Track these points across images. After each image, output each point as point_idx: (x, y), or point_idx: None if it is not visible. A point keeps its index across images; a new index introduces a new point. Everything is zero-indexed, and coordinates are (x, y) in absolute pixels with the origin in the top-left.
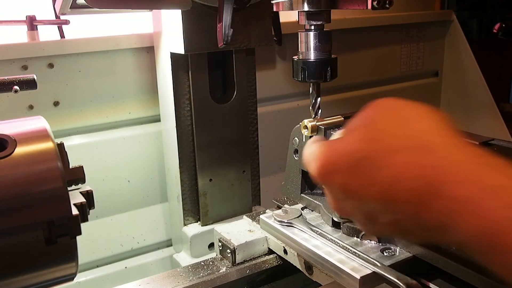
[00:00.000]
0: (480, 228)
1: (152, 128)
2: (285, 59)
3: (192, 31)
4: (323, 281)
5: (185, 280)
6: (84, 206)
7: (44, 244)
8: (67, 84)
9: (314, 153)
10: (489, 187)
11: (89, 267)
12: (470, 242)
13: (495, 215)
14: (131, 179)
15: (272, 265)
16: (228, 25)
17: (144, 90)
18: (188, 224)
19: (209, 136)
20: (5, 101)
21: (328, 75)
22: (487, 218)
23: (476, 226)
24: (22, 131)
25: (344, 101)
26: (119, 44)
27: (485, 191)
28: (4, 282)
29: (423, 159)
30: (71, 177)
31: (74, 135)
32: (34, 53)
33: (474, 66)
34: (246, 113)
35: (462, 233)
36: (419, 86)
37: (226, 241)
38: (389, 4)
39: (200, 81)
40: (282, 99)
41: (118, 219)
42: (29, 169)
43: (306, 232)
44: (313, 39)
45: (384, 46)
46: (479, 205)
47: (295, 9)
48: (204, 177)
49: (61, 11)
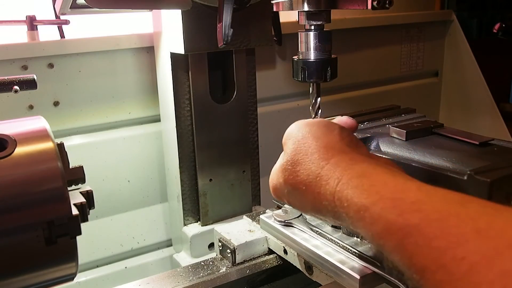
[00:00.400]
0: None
1: (152, 128)
2: (285, 59)
3: (192, 31)
4: (323, 281)
5: (185, 280)
6: (84, 206)
7: (44, 244)
8: (67, 84)
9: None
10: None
11: (89, 267)
12: (371, 241)
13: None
14: (131, 179)
15: (272, 265)
16: (228, 25)
17: (144, 90)
18: (188, 224)
19: (209, 136)
20: (5, 101)
21: (328, 75)
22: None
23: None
24: (22, 131)
25: (344, 101)
26: (119, 44)
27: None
28: (4, 282)
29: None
30: (71, 177)
31: (74, 135)
32: (34, 53)
33: (474, 66)
34: (246, 113)
35: (364, 234)
36: (419, 86)
37: (226, 241)
38: (389, 4)
39: (200, 81)
40: (282, 99)
41: (118, 219)
42: (29, 169)
43: (306, 232)
44: (313, 39)
45: (384, 46)
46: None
47: (295, 9)
48: (204, 177)
49: (61, 11)
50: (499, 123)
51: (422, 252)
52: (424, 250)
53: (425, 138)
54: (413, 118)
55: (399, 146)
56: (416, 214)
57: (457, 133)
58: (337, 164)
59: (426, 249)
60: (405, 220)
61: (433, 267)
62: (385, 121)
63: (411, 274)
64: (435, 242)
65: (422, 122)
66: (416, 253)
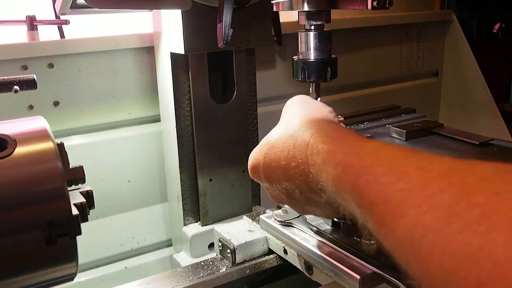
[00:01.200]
0: (334, 170)
1: (152, 128)
2: (285, 59)
3: (192, 31)
4: (323, 281)
5: (185, 280)
6: (84, 206)
7: (44, 244)
8: (67, 84)
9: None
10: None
11: (89, 267)
12: (331, 188)
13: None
14: (131, 179)
15: (272, 265)
16: (228, 25)
17: (144, 90)
18: (188, 224)
19: (209, 136)
20: (5, 101)
21: (328, 75)
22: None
23: (332, 170)
24: (22, 131)
25: (344, 101)
26: (119, 44)
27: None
28: (4, 282)
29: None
30: (71, 177)
31: (74, 135)
32: (34, 53)
33: (474, 66)
34: (246, 113)
35: (326, 182)
36: (419, 86)
37: (226, 241)
38: (389, 4)
39: (200, 81)
40: (282, 99)
41: (118, 219)
42: (29, 169)
43: (306, 232)
44: (313, 39)
45: (384, 46)
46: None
47: (295, 9)
48: (204, 177)
49: (61, 11)
50: (499, 123)
51: (371, 188)
52: (372, 186)
53: (425, 138)
54: (413, 118)
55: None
56: (372, 157)
57: (457, 133)
58: (313, 124)
59: (374, 185)
60: (362, 162)
61: (377, 200)
62: (385, 121)
63: (361, 211)
64: (382, 179)
65: (422, 122)
66: (366, 189)
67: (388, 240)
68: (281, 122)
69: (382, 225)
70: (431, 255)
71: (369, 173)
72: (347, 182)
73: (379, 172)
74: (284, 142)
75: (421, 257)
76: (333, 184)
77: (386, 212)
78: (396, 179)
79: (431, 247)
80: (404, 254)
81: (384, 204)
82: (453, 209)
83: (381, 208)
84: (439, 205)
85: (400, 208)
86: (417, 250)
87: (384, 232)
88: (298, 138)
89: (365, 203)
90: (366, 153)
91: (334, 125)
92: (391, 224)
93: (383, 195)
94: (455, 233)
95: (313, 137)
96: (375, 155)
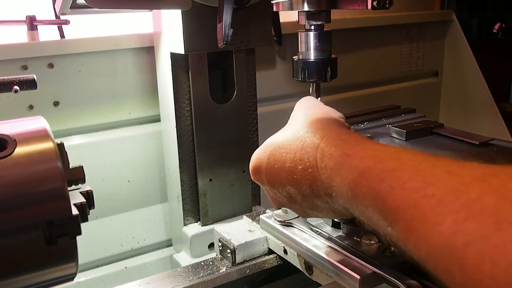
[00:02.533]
0: (350, 176)
1: (152, 128)
2: (285, 59)
3: (192, 31)
4: (323, 281)
5: (185, 280)
6: (84, 206)
7: (44, 244)
8: (67, 84)
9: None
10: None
11: (89, 267)
12: (346, 193)
13: (359, 163)
14: (131, 179)
15: (272, 265)
16: (228, 25)
17: (144, 90)
18: (188, 224)
19: (209, 136)
20: (5, 101)
21: (328, 75)
22: (353, 166)
23: (346, 176)
24: (22, 131)
25: (344, 101)
26: (119, 44)
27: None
28: (4, 282)
29: (299, 148)
30: (71, 177)
31: (74, 135)
32: (34, 53)
33: (474, 66)
34: (246, 113)
35: (339, 187)
36: (419, 86)
37: (226, 241)
38: (389, 4)
39: (200, 81)
40: (282, 99)
41: (118, 219)
42: (29, 169)
43: (306, 232)
44: (313, 39)
45: (384, 46)
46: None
47: (295, 9)
48: (204, 177)
49: (61, 11)
50: (499, 123)
51: (396, 193)
52: (397, 192)
53: (425, 138)
54: (413, 118)
55: (399, 147)
56: (394, 161)
57: (457, 133)
58: (322, 127)
59: (399, 190)
60: (383, 166)
61: (405, 205)
62: (385, 121)
63: (384, 218)
64: (409, 184)
65: (422, 122)
66: (390, 194)
67: (419, 248)
68: (288, 124)
69: (411, 233)
70: (480, 265)
71: (392, 178)
72: (367, 187)
73: (404, 177)
74: (291, 143)
75: (466, 267)
76: (348, 189)
77: (416, 219)
78: (424, 184)
79: (479, 257)
80: (442, 263)
81: (412, 210)
82: (501, 216)
83: (409, 215)
84: (482, 212)
85: (433, 215)
86: (461, 259)
87: (414, 240)
88: (307, 140)
89: (390, 209)
90: (386, 157)
91: (345, 129)
92: (423, 232)
93: (411, 201)
94: (507, 242)
95: (324, 140)
96: (396, 159)
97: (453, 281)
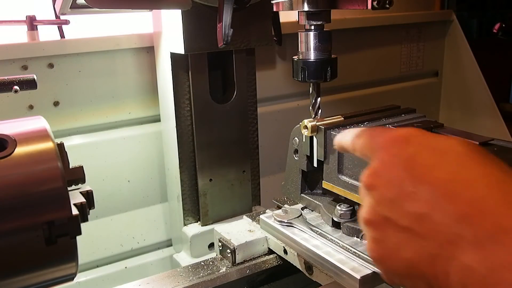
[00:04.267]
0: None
1: (152, 128)
2: (285, 59)
3: (192, 31)
4: (323, 281)
5: (185, 280)
6: (84, 206)
7: (44, 244)
8: (67, 84)
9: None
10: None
11: (89, 267)
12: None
13: None
14: (131, 179)
15: (272, 265)
16: (228, 25)
17: (144, 90)
18: (188, 224)
19: (209, 136)
20: (5, 101)
21: (328, 75)
22: None
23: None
24: (22, 131)
25: (344, 101)
26: (119, 44)
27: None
28: (4, 282)
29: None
30: (71, 177)
31: (74, 135)
32: (34, 53)
33: (474, 66)
34: (246, 113)
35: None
36: (419, 86)
37: (226, 241)
38: (389, 4)
39: (200, 81)
40: (282, 99)
41: (118, 219)
42: (29, 169)
43: (306, 232)
44: (313, 39)
45: (384, 46)
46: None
47: (295, 9)
48: (204, 177)
49: (61, 11)
50: (499, 123)
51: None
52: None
53: None
54: (413, 118)
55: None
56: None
57: (457, 133)
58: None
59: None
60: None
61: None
62: (385, 121)
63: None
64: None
65: (422, 122)
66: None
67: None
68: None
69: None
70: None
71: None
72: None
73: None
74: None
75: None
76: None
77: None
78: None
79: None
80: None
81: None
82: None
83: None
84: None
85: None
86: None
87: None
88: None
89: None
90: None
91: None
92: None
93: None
94: None
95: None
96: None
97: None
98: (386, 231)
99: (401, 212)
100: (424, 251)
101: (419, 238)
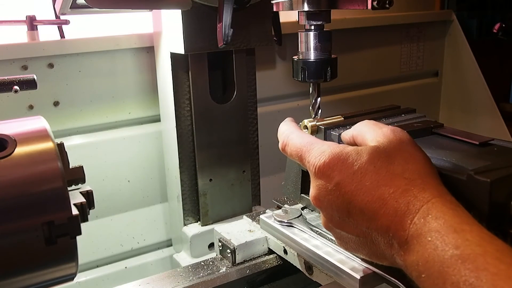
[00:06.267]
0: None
1: (152, 128)
2: (285, 59)
3: (192, 31)
4: (323, 281)
5: (185, 280)
6: (84, 206)
7: (44, 244)
8: (67, 84)
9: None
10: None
11: (89, 267)
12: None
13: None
14: (131, 179)
15: (272, 265)
16: (228, 25)
17: (144, 90)
18: (188, 224)
19: (209, 136)
20: (5, 101)
21: (328, 75)
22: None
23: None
24: (22, 131)
25: (344, 101)
26: (119, 44)
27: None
28: (4, 282)
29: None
30: (71, 177)
31: (74, 135)
32: (34, 53)
33: (474, 66)
34: (246, 113)
35: (421, 254)
36: (419, 86)
37: (226, 241)
38: (389, 4)
39: (200, 81)
40: (282, 99)
41: (118, 219)
42: (29, 169)
43: (306, 232)
44: (313, 39)
45: (384, 46)
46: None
47: (295, 9)
48: (204, 177)
49: (61, 11)
50: (499, 123)
51: None
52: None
53: (425, 138)
54: (413, 118)
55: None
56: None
57: (457, 133)
58: (433, 183)
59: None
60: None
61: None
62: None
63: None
64: None
65: (422, 122)
66: None
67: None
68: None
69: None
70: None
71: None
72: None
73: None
74: (394, 176)
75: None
76: (427, 263)
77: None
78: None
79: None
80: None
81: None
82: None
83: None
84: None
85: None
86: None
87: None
88: (414, 188)
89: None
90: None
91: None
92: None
93: None
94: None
95: (435, 201)
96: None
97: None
98: (342, 238)
99: (347, 229)
100: (373, 253)
101: (366, 246)
